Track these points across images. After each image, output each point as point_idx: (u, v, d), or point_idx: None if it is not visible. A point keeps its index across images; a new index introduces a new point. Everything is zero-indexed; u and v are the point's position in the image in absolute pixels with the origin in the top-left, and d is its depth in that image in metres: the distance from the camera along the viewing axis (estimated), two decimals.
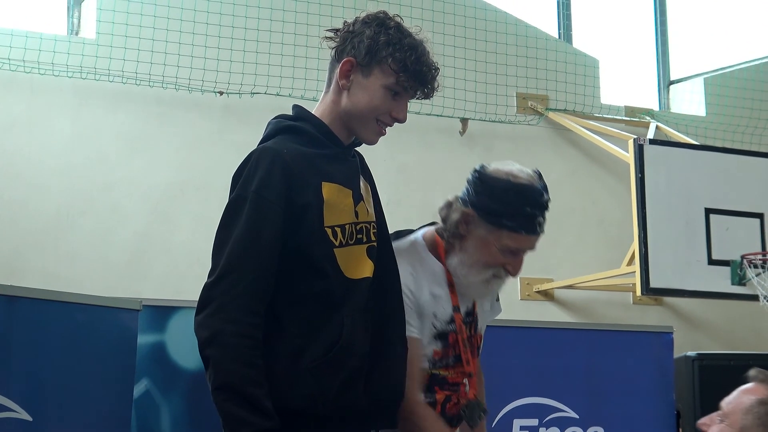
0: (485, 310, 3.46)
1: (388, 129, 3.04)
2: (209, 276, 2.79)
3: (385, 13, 3.00)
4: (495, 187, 3.11)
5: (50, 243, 7.25)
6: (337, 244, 2.88)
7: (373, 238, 3.02)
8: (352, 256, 2.94)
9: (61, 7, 8.02)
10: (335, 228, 2.88)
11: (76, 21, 7.98)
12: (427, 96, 3.03)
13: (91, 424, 3.50)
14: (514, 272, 3.21)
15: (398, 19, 2.99)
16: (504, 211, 3.09)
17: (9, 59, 7.31)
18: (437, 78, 3.01)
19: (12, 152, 7.39)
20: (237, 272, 2.73)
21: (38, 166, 7.43)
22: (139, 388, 3.61)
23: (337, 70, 2.97)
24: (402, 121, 3.02)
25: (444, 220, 3.25)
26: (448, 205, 3.25)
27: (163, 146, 7.64)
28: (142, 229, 7.45)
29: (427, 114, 8.36)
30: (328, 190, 2.89)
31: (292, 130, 2.98)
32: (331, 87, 3.02)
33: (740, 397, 2.56)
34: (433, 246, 3.28)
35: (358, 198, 2.99)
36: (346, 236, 2.92)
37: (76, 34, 7.90)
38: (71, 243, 7.33)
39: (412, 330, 3.15)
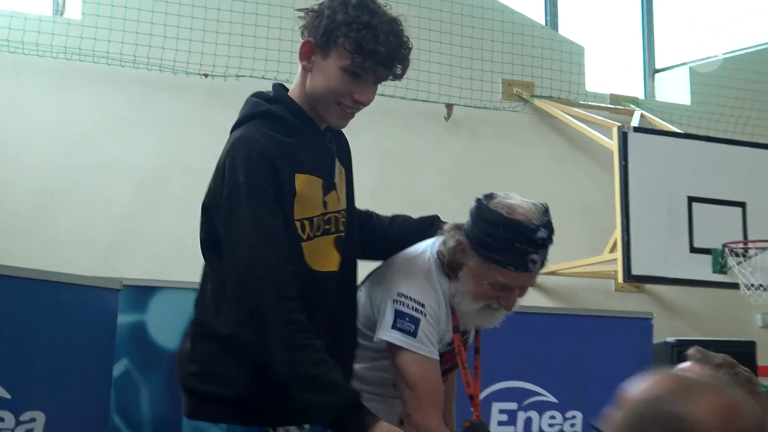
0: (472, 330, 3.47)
1: (373, 114, 2.98)
2: (228, 276, 2.79)
3: None
4: (489, 220, 3.04)
5: (35, 223, 7.25)
6: (304, 237, 2.87)
7: (341, 228, 3.00)
8: (320, 248, 2.93)
9: None
10: (304, 221, 2.87)
11: (61, 1, 7.97)
12: (397, 77, 2.92)
13: (71, 403, 3.51)
14: (507, 307, 3.16)
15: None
16: (494, 246, 3.01)
17: None
18: (406, 58, 2.89)
19: None
20: (261, 263, 2.72)
21: (23, 147, 7.43)
22: (118, 368, 3.61)
23: (301, 51, 2.89)
24: (365, 104, 2.91)
25: (445, 243, 3.22)
26: (453, 228, 3.22)
27: (148, 128, 7.63)
28: (125, 210, 7.45)
29: (412, 99, 8.39)
30: (301, 181, 2.87)
31: (267, 115, 2.93)
32: (299, 68, 2.95)
33: None
34: (442, 266, 3.25)
35: (328, 187, 2.96)
36: (314, 228, 2.90)
37: (62, 14, 7.90)
38: (56, 223, 7.33)
39: (433, 352, 3.15)
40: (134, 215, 7.42)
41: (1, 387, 3.30)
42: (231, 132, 2.96)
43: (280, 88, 3.01)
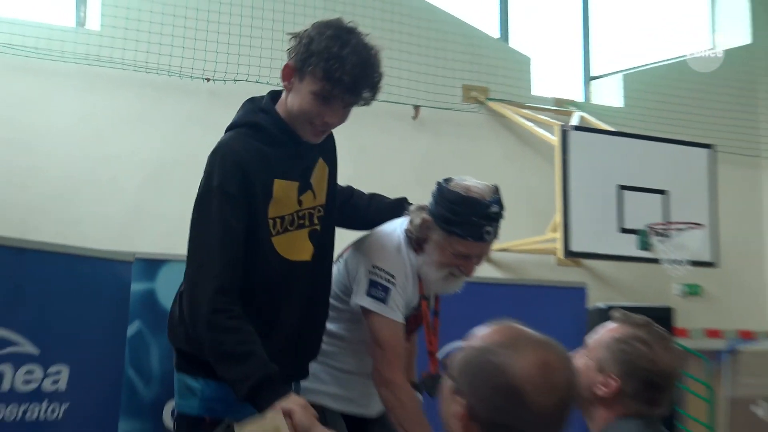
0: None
1: (356, 113, 2.99)
2: (189, 265, 2.86)
3: (338, 20, 2.89)
4: (449, 198, 3.13)
5: (59, 205, 7.24)
6: (274, 233, 2.92)
7: (315, 222, 3.04)
8: (293, 241, 2.98)
9: (70, 1, 7.97)
10: (276, 219, 2.92)
11: (82, 14, 7.93)
12: (366, 102, 2.91)
13: (91, 358, 3.54)
14: (467, 273, 3.24)
15: (348, 26, 2.88)
16: (454, 220, 3.11)
17: (24, 47, 7.26)
18: (375, 85, 2.90)
19: (25, 127, 7.36)
20: (210, 262, 2.78)
21: (48, 139, 7.41)
22: (132, 329, 3.64)
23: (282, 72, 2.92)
24: (333, 126, 2.95)
25: (412, 221, 3.27)
26: (418, 209, 3.27)
27: (157, 125, 7.64)
28: (137, 195, 7.46)
29: (384, 101, 8.36)
30: (278, 186, 2.91)
31: (254, 126, 2.95)
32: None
33: (601, 335, 2.58)
34: (410, 241, 3.30)
35: (304, 188, 3.00)
36: (285, 224, 2.94)
37: (83, 26, 7.87)
38: (77, 205, 7.33)
39: (399, 316, 3.20)
40: (144, 199, 7.43)
41: (32, 344, 3.32)
42: (225, 131, 3.00)
43: (271, 98, 3.01)
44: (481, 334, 1.95)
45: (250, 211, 2.87)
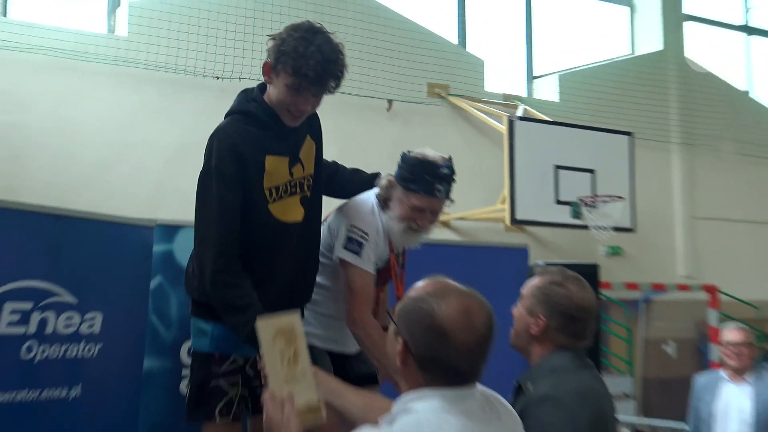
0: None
1: (335, 105, 3.05)
2: (195, 236, 2.90)
3: (307, 22, 2.88)
4: (408, 162, 3.19)
5: (94, 183, 7.22)
6: (270, 201, 2.94)
7: (306, 190, 3.05)
8: (287, 206, 3.00)
9: (102, 12, 7.92)
10: (271, 189, 2.94)
11: (113, 23, 7.89)
12: (331, 91, 2.92)
13: (121, 306, 3.53)
14: (422, 227, 3.24)
15: (316, 27, 2.87)
16: (411, 178, 3.15)
17: (65, 50, 7.24)
18: (338, 76, 2.89)
19: (65, 118, 7.32)
20: (210, 232, 2.81)
21: (84, 128, 7.39)
22: (154, 283, 3.62)
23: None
24: (307, 112, 2.95)
25: (380, 184, 3.29)
26: (385, 177, 3.30)
27: (175, 116, 7.59)
28: (159, 173, 7.44)
29: (364, 96, 8.39)
30: (270, 162, 2.93)
31: (245, 113, 2.95)
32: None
33: (528, 285, 2.63)
34: (381, 204, 3.30)
35: (294, 161, 3.01)
36: (280, 192, 2.96)
37: (113, 32, 7.81)
38: (108, 183, 7.30)
39: (371, 268, 3.20)
40: (165, 176, 7.39)
41: (71, 295, 3.31)
42: (224, 117, 3.01)
43: (260, 90, 3.02)
44: (416, 286, 2.02)
45: (247, 185, 2.88)
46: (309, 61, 2.78)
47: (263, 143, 2.92)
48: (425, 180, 3.15)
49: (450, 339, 1.89)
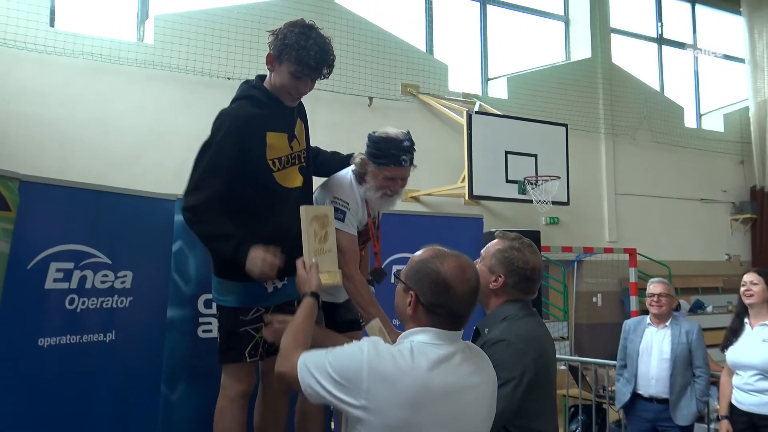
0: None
1: (327, 101, 3.02)
2: (188, 184, 2.80)
3: (302, 20, 2.85)
4: (375, 141, 3.12)
5: (125, 165, 7.16)
6: (275, 170, 2.88)
7: (302, 161, 3.01)
8: (289, 174, 2.94)
9: (132, 23, 7.79)
10: (275, 160, 2.89)
11: (141, 33, 7.77)
12: (326, 77, 2.90)
13: (148, 266, 3.46)
14: (395, 192, 3.18)
15: (310, 23, 2.84)
16: (380, 154, 3.08)
17: (102, 55, 7.17)
18: (331, 64, 2.86)
19: (104, 111, 7.26)
20: (205, 185, 2.74)
21: (119, 121, 7.33)
22: (175, 246, 3.55)
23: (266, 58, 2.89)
24: (304, 94, 2.94)
25: (355, 162, 3.23)
26: (358, 155, 3.23)
27: (194, 110, 7.48)
28: (182, 158, 7.26)
29: (349, 93, 8.33)
30: (271, 137, 2.87)
31: (249, 97, 2.90)
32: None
33: (489, 247, 2.58)
34: (357, 178, 3.25)
35: (291, 138, 2.97)
36: (283, 163, 2.91)
37: (142, 40, 7.68)
38: (139, 165, 7.24)
39: (353, 231, 3.15)
40: (185, 160, 7.20)
41: (106, 257, 3.25)
42: (231, 103, 2.95)
43: (259, 78, 2.97)
44: (419, 253, 2.10)
45: (250, 159, 2.82)
46: (309, 51, 2.76)
47: (265, 122, 2.86)
48: (392, 154, 3.08)
49: (451, 289, 1.99)
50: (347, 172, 3.24)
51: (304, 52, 2.76)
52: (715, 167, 12.39)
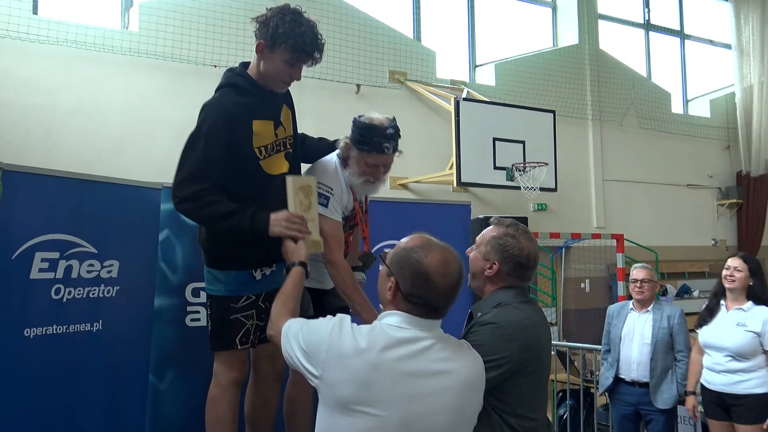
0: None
1: (315, 89, 3.02)
2: (179, 174, 2.76)
3: (287, 5, 2.82)
4: (359, 126, 3.09)
5: (111, 154, 7.11)
6: (261, 158, 2.87)
7: (288, 147, 2.99)
8: (273, 161, 2.93)
9: (117, 10, 7.71)
10: (261, 148, 2.87)
11: (126, 20, 7.69)
12: (315, 64, 2.88)
13: (135, 254, 3.44)
14: (377, 179, 3.16)
15: (297, 8, 2.82)
16: (363, 141, 3.06)
17: (86, 43, 7.08)
18: (321, 49, 2.84)
19: (89, 99, 7.19)
20: (202, 175, 2.71)
21: (104, 108, 7.27)
22: (162, 235, 3.53)
23: (255, 47, 2.84)
24: (297, 80, 2.91)
25: (340, 146, 3.21)
26: (343, 139, 3.21)
27: (180, 98, 7.42)
28: (168, 147, 7.23)
29: (337, 81, 8.29)
30: (257, 125, 2.86)
31: (234, 85, 2.87)
32: (256, 55, 2.90)
33: (485, 234, 2.55)
34: (342, 162, 3.23)
35: (277, 125, 2.95)
36: (269, 150, 2.90)
37: (127, 28, 7.61)
38: (125, 154, 7.19)
39: (338, 216, 3.13)
40: (171, 149, 7.10)
41: (92, 246, 3.23)
42: (215, 91, 2.91)
43: (243, 66, 2.94)
44: (406, 240, 2.13)
45: (238, 147, 2.79)
46: (305, 39, 2.76)
47: (250, 110, 2.84)
48: (375, 141, 3.05)
49: (431, 282, 2.01)
50: (332, 157, 3.23)
51: (300, 39, 2.75)
52: (701, 153, 12.44)
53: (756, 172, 12.54)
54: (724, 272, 4.28)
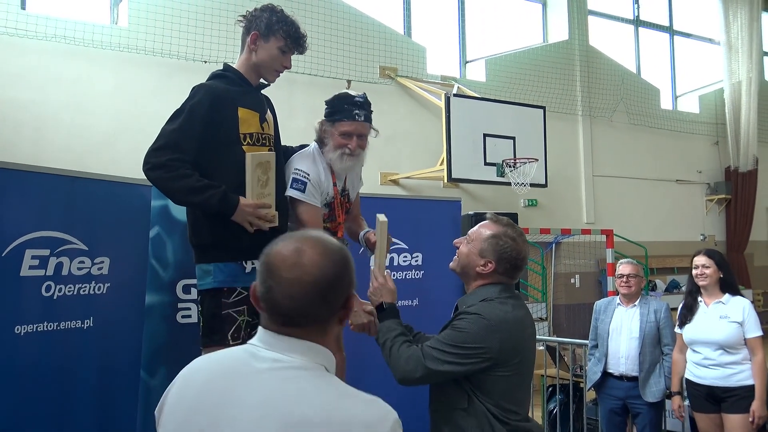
0: (354, 186, 3.44)
1: (305, 85, 3.07)
2: (155, 143, 2.79)
3: (271, 5, 2.99)
4: (329, 101, 3.20)
5: (100, 150, 7.09)
6: (244, 143, 2.90)
7: (271, 146, 3.03)
8: (257, 151, 2.94)
9: (106, 5, 7.67)
10: (246, 134, 2.91)
11: (116, 15, 7.66)
12: (301, 53, 3.04)
13: (126, 252, 3.43)
14: (353, 149, 3.17)
15: (281, 8, 3.00)
16: (333, 111, 3.16)
17: (75, 38, 7.05)
18: (306, 42, 3.02)
19: (78, 95, 7.17)
20: (176, 145, 2.75)
21: (94, 104, 7.24)
22: (153, 232, 3.52)
23: (248, 39, 2.95)
24: (289, 68, 3.03)
25: (316, 131, 3.24)
26: (317, 122, 3.26)
27: (170, 94, 7.31)
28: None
29: (327, 77, 8.26)
30: (242, 112, 2.92)
31: (221, 76, 2.98)
32: (244, 50, 2.99)
33: (481, 229, 2.55)
34: (320, 151, 3.24)
35: (262, 119, 3.01)
36: (254, 140, 2.94)
37: (116, 23, 7.58)
38: (115, 149, 7.15)
39: (316, 201, 3.14)
40: None
41: (83, 243, 3.21)
42: None
43: (228, 65, 3.06)
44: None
45: (222, 127, 2.85)
46: (297, 29, 2.96)
47: (236, 97, 2.92)
48: (344, 109, 3.14)
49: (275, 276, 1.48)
50: (310, 147, 3.28)
51: (292, 27, 2.94)
52: (690, 148, 12.51)
53: (744, 168, 12.62)
54: (693, 271, 4.38)
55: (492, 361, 2.35)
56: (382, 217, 2.98)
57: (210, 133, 2.80)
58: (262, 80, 3.05)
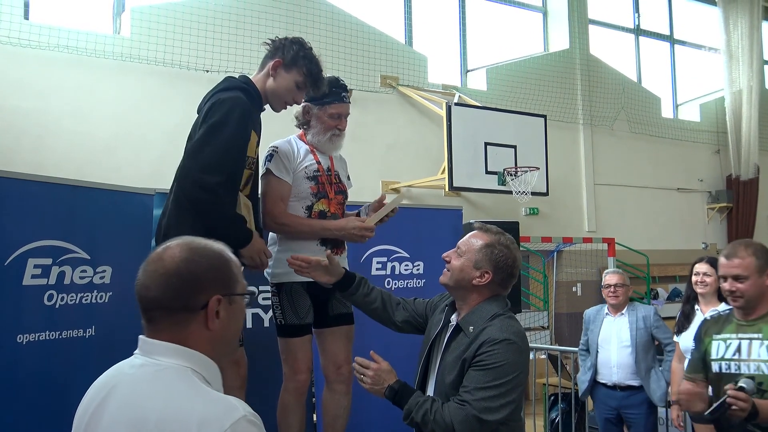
0: (343, 172, 3.49)
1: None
2: (203, 160, 2.74)
3: (302, 39, 3.06)
4: None
5: (102, 159, 7.09)
6: (247, 168, 2.95)
7: (252, 169, 3.05)
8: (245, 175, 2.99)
9: (109, 15, 7.70)
10: (249, 157, 2.95)
11: (118, 25, 7.67)
12: (316, 94, 3.12)
13: (128, 261, 3.42)
14: (342, 129, 3.31)
15: (310, 46, 3.05)
16: (323, 95, 3.22)
17: (78, 48, 7.08)
18: (322, 87, 3.08)
19: (80, 104, 7.17)
20: (224, 165, 2.75)
21: (96, 112, 7.25)
22: (154, 241, 3.54)
23: (270, 63, 2.99)
24: (299, 104, 3.13)
25: (297, 118, 3.34)
26: (298, 109, 3.32)
27: (171, 102, 7.42)
28: (159, 150, 7.27)
29: None
30: (252, 135, 2.95)
31: (245, 90, 2.95)
32: (264, 71, 3.03)
33: (471, 240, 2.49)
34: (300, 136, 3.34)
35: (258, 142, 3.04)
36: (248, 163, 2.97)
37: (119, 33, 7.59)
38: (117, 157, 7.18)
39: (283, 175, 3.20)
40: (163, 154, 7.20)
41: (84, 252, 3.22)
42: (215, 93, 2.92)
43: (248, 78, 3.05)
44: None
45: (242, 150, 2.88)
46: (319, 68, 3.01)
47: (253, 118, 2.96)
48: (334, 92, 3.24)
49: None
50: (290, 137, 3.37)
51: (315, 67, 2.99)
52: (691, 157, 12.51)
53: (746, 176, 12.62)
54: (694, 278, 4.35)
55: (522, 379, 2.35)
56: (401, 198, 3.14)
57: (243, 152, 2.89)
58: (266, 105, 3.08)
